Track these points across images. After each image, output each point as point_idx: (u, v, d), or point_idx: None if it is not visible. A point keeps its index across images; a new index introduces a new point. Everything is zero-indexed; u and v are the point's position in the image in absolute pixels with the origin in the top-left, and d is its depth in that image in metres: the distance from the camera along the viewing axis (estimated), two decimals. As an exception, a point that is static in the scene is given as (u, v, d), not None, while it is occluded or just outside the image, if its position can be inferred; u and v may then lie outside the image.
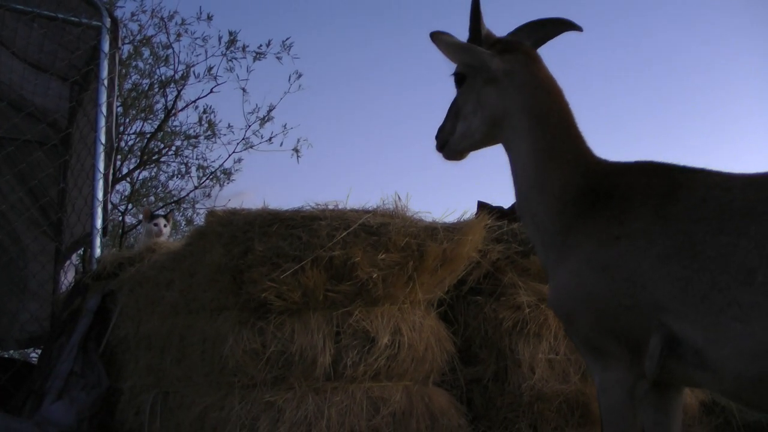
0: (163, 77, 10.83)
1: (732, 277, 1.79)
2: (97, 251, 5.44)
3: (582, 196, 2.17)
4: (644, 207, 2.02)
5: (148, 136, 11.06)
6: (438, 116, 2.56)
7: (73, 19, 5.84)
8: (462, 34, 2.43)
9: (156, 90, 10.95)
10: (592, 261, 2.06)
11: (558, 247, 2.19)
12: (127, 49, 10.35)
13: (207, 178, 11.48)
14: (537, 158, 2.26)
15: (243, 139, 11.14)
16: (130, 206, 11.24)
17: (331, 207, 3.43)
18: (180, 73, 10.70)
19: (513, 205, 4.81)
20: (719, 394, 2.13)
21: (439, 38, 2.34)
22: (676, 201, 1.98)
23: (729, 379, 1.84)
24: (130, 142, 11.20)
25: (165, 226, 5.36)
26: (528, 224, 2.34)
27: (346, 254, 3.17)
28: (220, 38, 10.56)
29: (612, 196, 2.11)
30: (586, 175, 2.20)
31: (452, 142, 2.47)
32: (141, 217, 6.02)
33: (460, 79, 2.44)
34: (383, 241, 3.24)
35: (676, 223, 1.94)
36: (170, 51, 10.67)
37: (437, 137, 2.53)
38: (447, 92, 2.55)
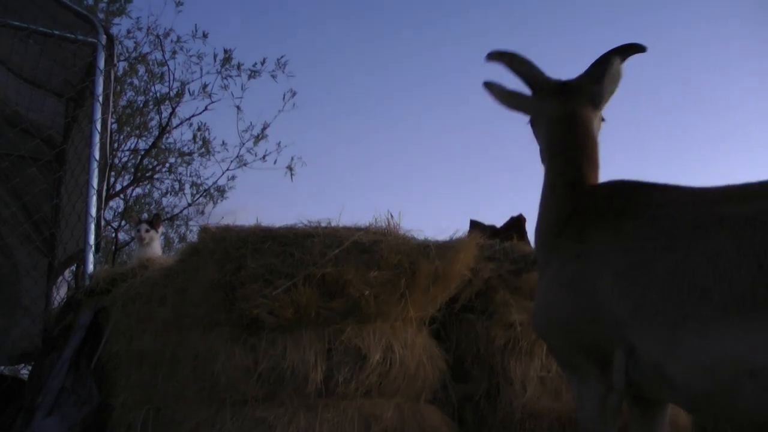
0: (157, 94, 10.87)
1: (685, 293, 1.84)
2: (90, 267, 5.43)
3: (565, 219, 2.30)
4: (601, 225, 2.12)
5: (142, 152, 11.08)
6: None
7: (68, 35, 5.86)
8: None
9: (151, 107, 10.97)
10: (558, 279, 2.17)
11: (542, 267, 2.34)
12: (122, 66, 10.39)
13: (200, 196, 11.49)
14: (548, 186, 2.44)
15: (237, 156, 11.17)
16: (123, 223, 11.22)
17: (323, 225, 3.44)
18: (175, 91, 10.75)
19: (505, 224, 4.84)
20: (683, 409, 2.18)
21: (491, 87, 2.58)
22: (631, 219, 2.06)
23: (685, 392, 1.90)
24: (124, 159, 11.21)
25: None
26: (536, 249, 2.49)
27: (338, 272, 3.18)
28: (215, 56, 10.62)
29: (576, 216, 2.24)
30: (574, 198, 2.33)
31: None
32: (133, 232, 5.99)
33: (530, 122, 2.64)
34: (375, 259, 3.25)
35: (629, 241, 2.02)
36: (165, 68, 10.71)
37: None
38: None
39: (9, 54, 6.03)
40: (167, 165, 11.47)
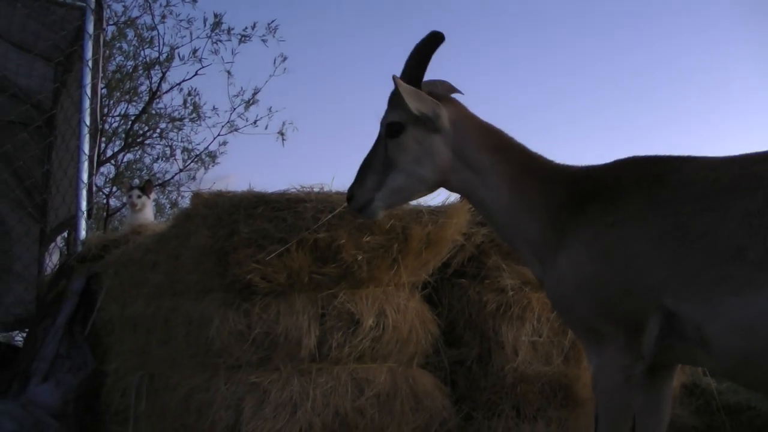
0: (147, 59, 10.75)
1: (721, 252, 1.87)
2: (82, 233, 5.43)
3: (568, 200, 2.24)
4: (635, 194, 2.10)
5: (133, 118, 11.00)
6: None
7: (57, -1, 5.80)
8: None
9: (140, 72, 10.87)
10: (591, 249, 2.12)
11: (554, 249, 2.23)
12: (111, 30, 10.26)
13: (192, 161, 11.44)
14: (512, 185, 2.30)
15: (228, 122, 11.09)
16: (114, 189, 11.19)
17: (316, 189, 3.43)
18: (165, 55, 10.63)
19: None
20: (719, 374, 2.19)
21: (401, 84, 2.26)
22: (665, 185, 2.05)
23: (723, 355, 1.91)
24: (115, 124, 11.14)
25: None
26: (521, 247, 2.37)
27: (331, 236, 3.18)
28: (205, 20, 10.47)
29: (601, 189, 2.17)
30: (565, 182, 2.29)
31: (380, 198, 2.33)
32: (125, 199, 5.98)
33: (398, 129, 2.32)
34: (368, 224, 3.25)
35: (665, 206, 2.01)
36: (155, 32, 10.59)
37: (354, 196, 2.37)
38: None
39: (-4, 18, 5.96)
40: (158, 130, 11.42)
